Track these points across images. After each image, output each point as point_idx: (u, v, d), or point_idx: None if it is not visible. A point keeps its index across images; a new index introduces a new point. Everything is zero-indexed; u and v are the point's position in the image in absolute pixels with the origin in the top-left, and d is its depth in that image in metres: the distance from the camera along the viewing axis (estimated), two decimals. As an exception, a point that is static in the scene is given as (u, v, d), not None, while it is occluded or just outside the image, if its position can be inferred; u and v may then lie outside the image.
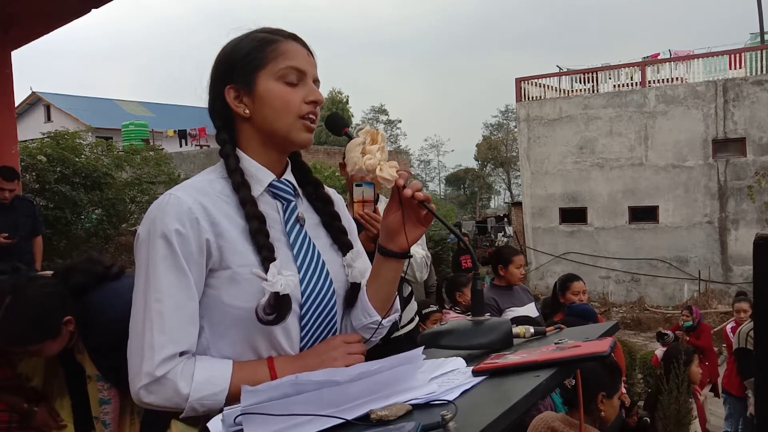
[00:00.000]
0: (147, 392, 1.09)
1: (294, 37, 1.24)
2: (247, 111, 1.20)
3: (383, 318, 1.31)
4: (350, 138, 1.25)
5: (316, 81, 1.24)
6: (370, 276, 1.31)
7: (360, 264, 1.30)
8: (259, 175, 1.22)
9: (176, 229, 1.11)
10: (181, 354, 1.11)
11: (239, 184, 1.18)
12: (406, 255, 1.27)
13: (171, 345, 1.10)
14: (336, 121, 1.31)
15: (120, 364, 1.19)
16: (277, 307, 1.13)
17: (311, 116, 1.21)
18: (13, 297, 1.86)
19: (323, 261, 1.25)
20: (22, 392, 2.17)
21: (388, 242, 1.26)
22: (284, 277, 1.13)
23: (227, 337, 1.16)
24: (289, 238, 1.22)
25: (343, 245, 1.31)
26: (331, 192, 1.37)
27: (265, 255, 1.14)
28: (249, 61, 1.20)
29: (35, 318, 1.87)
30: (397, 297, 1.35)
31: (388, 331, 1.36)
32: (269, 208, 1.22)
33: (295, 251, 1.21)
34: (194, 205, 1.13)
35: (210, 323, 1.16)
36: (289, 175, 1.28)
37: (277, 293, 1.12)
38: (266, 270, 1.13)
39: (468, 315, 1.36)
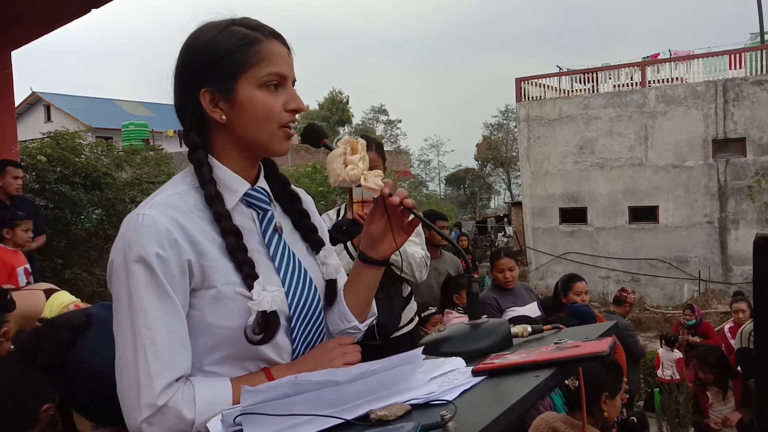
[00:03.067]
0: (149, 425, 1.03)
1: (275, 35, 1.16)
2: (224, 117, 1.13)
3: (361, 323, 1.30)
4: (329, 149, 1.21)
5: (294, 81, 1.18)
6: (349, 281, 1.30)
7: (333, 260, 1.29)
8: (234, 184, 1.16)
9: (156, 252, 1.05)
10: (178, 379, 1.06)
11: (212, 197, 1.12)
12: (385, 263, 1.27)
13: (168, 371, 1.04)
14: (313, 133, 1.27)
15: (116, 405, 1.14)
16: (266, 325, 1.09)
17: (291, 123, 1.16)
18: None
19: (305, 269, 1.22)
20: None
21: (369, 249, 1.25)
22: (270, 293, 1.09)
23: (213, 355, 1.12)
24: (269, 249, 1.18)
25: (314, 243, 1.28)
26: (300, 192, 1.34)
27: (247, 272, 1.09)
28: (229, 64, 1.11)
29: (11, 416, 1.78)
30: (374, 302, 1.35)
31: (385, 332, 1.37)
32: (245, 218, 1.17)
33: (276, 263, 1.18)
34: (171, 225, 1.07)
35: (196, 343, 1.10)
36: (262, 182, 1.23)
37: (264, 312, 1.08)
38: (249, 288, 1.09)
39: None
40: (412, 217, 1.23)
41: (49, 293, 2.55)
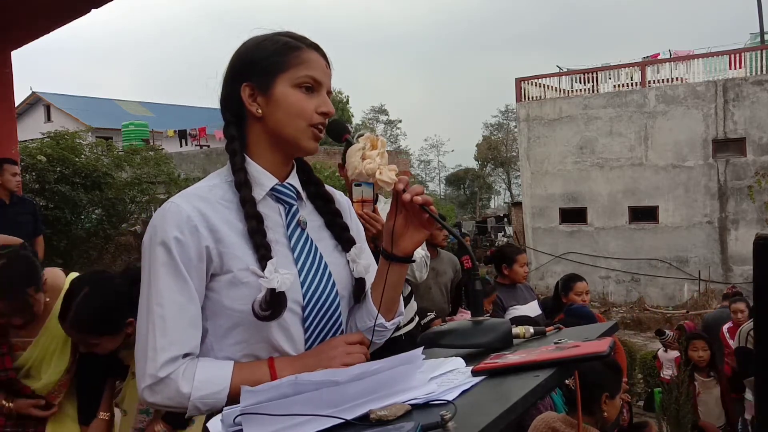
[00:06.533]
0: (151, 392, 1.13)
1: (316, 47, 1.26)
2: (260, 111, 1.22)
3: (388, 321, 1.32)
4: (350, 144, 1.27)
5: (329, 92, 1.26)
6: (375, 279, 1.32)
7: (364, 259, 1.32)
8: (262, 179, 1.23)
9: (175, 236, 1.14)
10: (185, 356, 1.14)
11: (241, 183, 1.20)
12: (409, 259, 1.28)
13: (173, 347, 1.13)
14: (337, 128, 1.33)
15: None
16: (273, 303, 1.14)
17: (320, 126, 1.23)
18: (90, 288, 1.99)
19: (325, 263, 1.26)
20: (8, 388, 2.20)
21: (390, 246, 1.26)
22: (281, 275, 1.15)
23: (229, 339, 1.19)
24: (290, 241, 1.23)
25: (345, 242, 1.32)
26: (338, 194, 1.39)
27: (262, 253, 1.16)
28: (270, 63, 1.21)
29: (104, 312, 1.98)
30: (402, 300, 1.36)
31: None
32: (271, 211, 1.24)
33: (295, 254, 1.23)
34: (193, 213, 1.16)
35: (213, 326, 1.19)
36: (293, 179, 1.29)
37: (273, 290, 1.13)
38: (263, 268, 1.15)
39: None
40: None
41: (66, 273, 2.62)
